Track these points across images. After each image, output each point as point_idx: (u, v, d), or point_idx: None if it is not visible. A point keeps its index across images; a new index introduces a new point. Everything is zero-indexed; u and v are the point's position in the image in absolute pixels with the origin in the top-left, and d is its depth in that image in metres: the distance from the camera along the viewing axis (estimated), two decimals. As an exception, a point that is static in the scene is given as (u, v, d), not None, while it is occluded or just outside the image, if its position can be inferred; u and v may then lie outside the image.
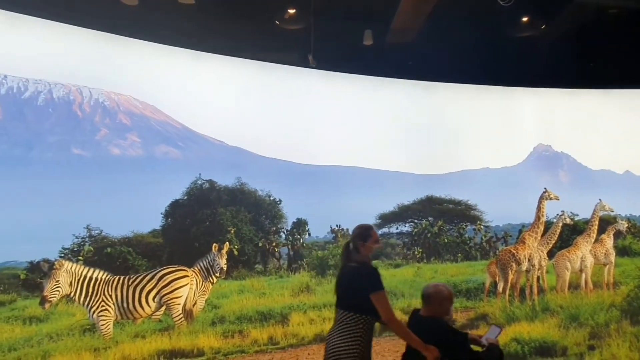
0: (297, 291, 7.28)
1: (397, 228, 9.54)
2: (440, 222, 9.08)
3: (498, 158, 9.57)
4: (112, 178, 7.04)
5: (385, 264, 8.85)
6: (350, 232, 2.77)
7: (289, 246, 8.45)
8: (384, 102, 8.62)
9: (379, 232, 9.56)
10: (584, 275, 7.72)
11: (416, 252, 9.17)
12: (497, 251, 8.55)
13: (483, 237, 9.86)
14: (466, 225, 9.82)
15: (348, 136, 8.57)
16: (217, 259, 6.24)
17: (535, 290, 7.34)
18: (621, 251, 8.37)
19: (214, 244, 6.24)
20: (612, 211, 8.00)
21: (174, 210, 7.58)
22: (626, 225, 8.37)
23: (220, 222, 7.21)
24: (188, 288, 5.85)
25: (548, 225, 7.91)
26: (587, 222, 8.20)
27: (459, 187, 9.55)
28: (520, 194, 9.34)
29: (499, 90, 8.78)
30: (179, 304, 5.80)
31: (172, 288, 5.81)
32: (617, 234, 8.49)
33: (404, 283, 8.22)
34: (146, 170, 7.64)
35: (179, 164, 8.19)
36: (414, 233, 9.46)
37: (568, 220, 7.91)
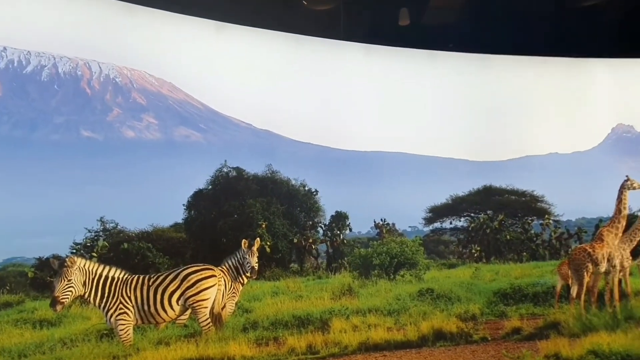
0: (338, 294, 6.97)
1: (450, 223, 9.05)
2: (501, 216, 8.52)
3: (569, 141, 8.84)
4: (126, 164, 6.65)
5: (438, 264, 8.41)
6: (397, 227, 2.23)
7: (328, 243, 8.05)
8: (433, 79, 7.98)
9: (429, 227, 9.11)
10: (676, 279, 7.00)
11: (473, 251, 8.69)
12: (570, 250, 7.99)
13: (552, 234, 9.23)
14: (532, 220, 9.19)
15: (393, 118, 7.99)
16: (247, 256, 5.88)
17: (616, 295, 6.70)
18: None
19: (244, 240, 5.86)
20: None
21: (198, 201, 7.19)
22: None
23: (250, 215, 6.81)
24: (216, 289, 5.48)
25: (631, 219, 7.24)
26: (679, 215, 7.54)
27: (523, 175, 8.91)
28: (596, 182, 8.67)
29: (568, 62, 8.01)
30: (205, 307, 5.43)
31: (198, 289, 5.44)
32: None
33: (459, 286, 7.75)
34: (165, 155, 7.25)
35: (201, 148, 7.79)
36: (470, 229, 8.96)
37: (656, 214, 7.17)
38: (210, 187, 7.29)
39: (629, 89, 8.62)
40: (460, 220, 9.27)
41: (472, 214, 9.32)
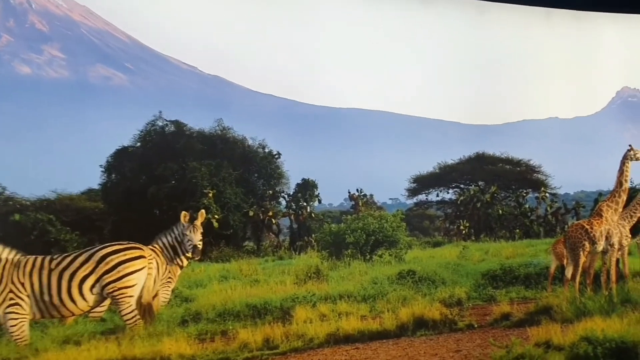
0: (303, 278, 6.53)
1: (437, 195, 8.70)
2: (494, 188, 8.30)
3: (570, 105, 8.52)
4: (20, 109, 5.33)
5: (422, 242, 8.05)
6: (375, 198, 1.53)
7: (292, 217, 7.34)
8: (423, 28, 7.18)
9: (413, 200, 8.66)
10: (676, 258, 6.91)
11: (462, 227, 8.43)
12: (566, 226, 7.88)
13: (548, 208, 9.17)
14: (527, 193, 9.08)
15: (374, 70, 7.16)
16: (188, 232, 5.15)
17: (613, 276, 6.59)
18: None
19: (184, 212, 5.13)
20: None
21: (121, 162, 6.15)
22: None
23: (193, 181, 5.89)
24: (145, 273, 4.75)
25: (632, 193, 7.04)
26: (681, 189, 7.49)
27: (519, 142, 8.55)
28: (597, 151, 8.47)
29: (572, 15, 7.47)
30: (130, 297, 4.70)
31: (120, 274, 4.69)
32: None
33: (445, 267, 7.43)
34: (75, 100, 5.96)
35: (126, 94, 6.59)
36: (459, 202, 8.63)
37: (658, 187, 6.98)
38: (138, 144, 6.25)
39: (638, 48, 8.20)
40: (448, 192, 8.95)
41: (462, 185, 9.00)
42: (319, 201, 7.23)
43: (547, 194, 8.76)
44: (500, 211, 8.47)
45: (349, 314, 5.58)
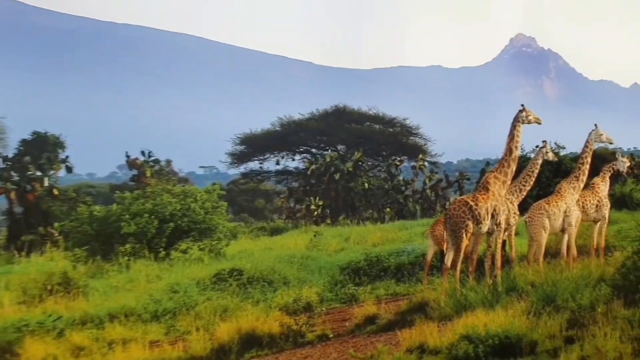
0: (39, 293, 4.67)
1: (277, 163, 7.32)
2: (358, 154, 7.20)
3: (456, 53, 7.43)
4: None
5: (253, 229, 6.68)
6: (175, 166, 0.27)
7: (13, 195, 5.18)
8: None
9: (240, 168, 7.10)
10: (566, 237, 6.34)
11: (313, 207, 7.16)
12: (447, 203, 6.99)
13: (427, 181, 8.37)
14: (401, 161, 8.20)
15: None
16: None
17: (498, 261, 5.77)
18: (619, 202, 7.73)
19: None
20: (612, 143, 6.68)
21: None
22: (628, 163, 7.12)
23: None
24: None
25: (523, 162, 6.19)
26: (576, 158, 6.95)
27: (393, 94, 7.38)
28: (486, 111, 7.66)
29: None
30: None
31: None
32: (616, 177, 7.29)
33: (288, 262, 6.08)
34: None
35: None
36: (309, 172, 7.32)
37: (550, 156, 6.47)
38: None
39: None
40: (293, 159, 7.65)
41: (314, 150, 7.71)
42: (68, 169, 5.21)
43: (425, 163, 8.04)
44: (366, 185, 7.43)
45: (128, 341, 4.36)
